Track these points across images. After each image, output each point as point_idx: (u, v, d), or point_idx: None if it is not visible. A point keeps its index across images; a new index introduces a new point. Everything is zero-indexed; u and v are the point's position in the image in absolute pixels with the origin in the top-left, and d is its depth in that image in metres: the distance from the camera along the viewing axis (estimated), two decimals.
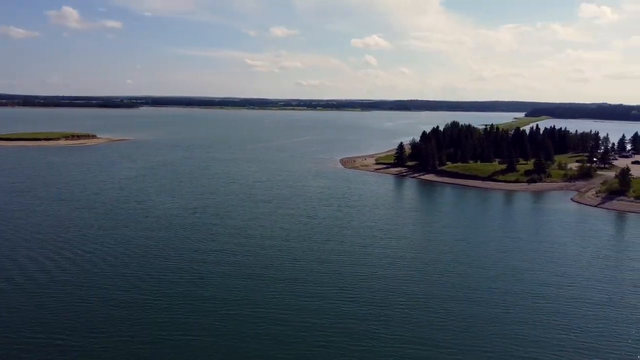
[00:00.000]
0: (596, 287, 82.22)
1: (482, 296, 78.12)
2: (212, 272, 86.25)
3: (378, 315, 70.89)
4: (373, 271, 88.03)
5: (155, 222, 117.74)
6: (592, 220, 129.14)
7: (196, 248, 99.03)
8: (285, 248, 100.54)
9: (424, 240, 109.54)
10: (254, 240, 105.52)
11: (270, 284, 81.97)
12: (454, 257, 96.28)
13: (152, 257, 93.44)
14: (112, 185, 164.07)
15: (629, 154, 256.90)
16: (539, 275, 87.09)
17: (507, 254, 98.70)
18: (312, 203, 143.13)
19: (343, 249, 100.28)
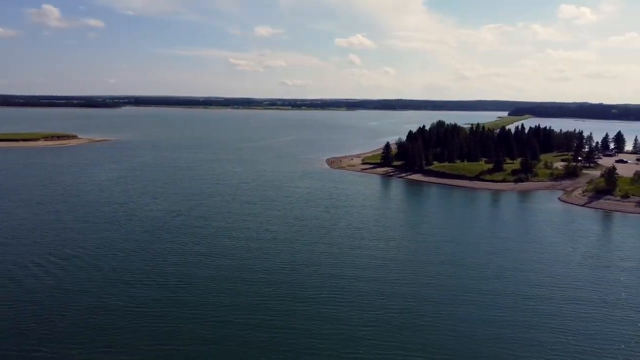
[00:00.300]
0: (588, 288, 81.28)
1: (473, 298, 76.61)
2: (197, 276, 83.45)
3: (368, 319, 68.99)
4: (362, 274, 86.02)
5: (138, 225, 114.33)
6: (580, 219, 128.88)
7: (180, 251, 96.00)
8: (272, 251, 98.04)
9: (413, 241, 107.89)
10: (240, 242, 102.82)
11: (257, 287, 79.52)
12: (444, 259, 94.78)
13: (134, 261, 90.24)
14: (93, 187, 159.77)
15: (612, 152, 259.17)
16: (531, 277, 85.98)
17: (497, 255, 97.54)
18: (299, 204, 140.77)
19: (331, 251, 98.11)
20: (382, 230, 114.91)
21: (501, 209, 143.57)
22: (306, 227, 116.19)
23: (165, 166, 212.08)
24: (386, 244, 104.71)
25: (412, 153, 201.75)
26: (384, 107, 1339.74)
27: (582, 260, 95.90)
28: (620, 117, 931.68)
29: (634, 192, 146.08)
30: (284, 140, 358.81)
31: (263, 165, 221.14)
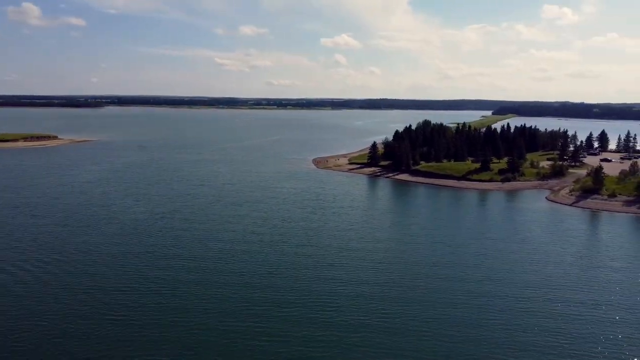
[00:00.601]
0: (581, 289, 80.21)
1: (465, 301, 75.01)
2: (179, 281, 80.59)
3: (358, 323, 67.15)
4: (351, 277, 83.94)
5: (119, 229, 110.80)
6: (569, 219, 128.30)
7: (163, 256, 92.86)
8: (258, 254, 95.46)
9: (402, 243, 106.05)
10: (225, 246, 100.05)
11: (243, 292, 77.08)
12: (434, 261, 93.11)
13: (115, 267, 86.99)
14: (73, 190, 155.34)
15: (597, 151, 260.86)
16: (522, 278, 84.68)
17: (487, 257, 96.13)
18: (285, 205, 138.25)
19: (319, 254, 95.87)
20: (370, 232, 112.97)
21: (489, 209, 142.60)
22: (293, 229, 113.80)
23: (149, 167, 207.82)
24: (375, 246, 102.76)
25: (399, 153, 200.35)
26: (369, 106, 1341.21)
27: (573, 261, 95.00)
28: (602, 116, 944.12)
29: (620, 191, 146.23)
30: (269, 140, 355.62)
31: (249, 166, 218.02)
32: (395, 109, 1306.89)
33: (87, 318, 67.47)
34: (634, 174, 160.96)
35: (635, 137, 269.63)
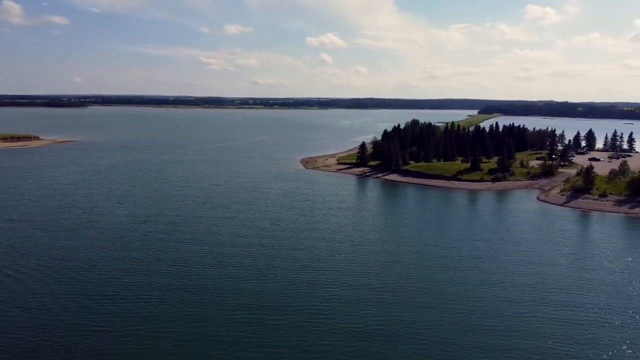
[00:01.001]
0: (578, 291, 78.50)
1: (461, 304, 72.69)
2: (164, 287, 77.00)
3: (349, 329, 64.67)
4: (342, 281, 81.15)
5: (101, 234, 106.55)
6: (561, 220, 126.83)
7: (147, 261, 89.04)
8: (246, 258, 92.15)
9: (394, 245, 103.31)
10: (211, 250, 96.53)
11: (231, 298, 74.08)
12: (427, 264, 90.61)
13: (96, 273, 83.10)
14: (54, 192, 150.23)
15: (585, 150, 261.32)
16: (517, 280, 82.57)
17: (480, 259, 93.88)
18: (274, 207, 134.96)
19: (309, 258, 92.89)
20: (361, 235, 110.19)
21: (481, 210, 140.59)
22: (282, 232, 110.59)
23: (133, 168, 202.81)
24: (367, 249, 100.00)
25: (388, 153, 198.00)
26: (355, 105, 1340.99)
27: (568, 262, 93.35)
28: (586, 115, 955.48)
29: (611, 191, 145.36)
30: (256, 140, 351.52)
31: (235, 167, 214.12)
32: (381, 108, 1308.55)
33: (66, 329, 63.77)
34: (624, 173, 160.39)
35: (622, 136, 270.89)
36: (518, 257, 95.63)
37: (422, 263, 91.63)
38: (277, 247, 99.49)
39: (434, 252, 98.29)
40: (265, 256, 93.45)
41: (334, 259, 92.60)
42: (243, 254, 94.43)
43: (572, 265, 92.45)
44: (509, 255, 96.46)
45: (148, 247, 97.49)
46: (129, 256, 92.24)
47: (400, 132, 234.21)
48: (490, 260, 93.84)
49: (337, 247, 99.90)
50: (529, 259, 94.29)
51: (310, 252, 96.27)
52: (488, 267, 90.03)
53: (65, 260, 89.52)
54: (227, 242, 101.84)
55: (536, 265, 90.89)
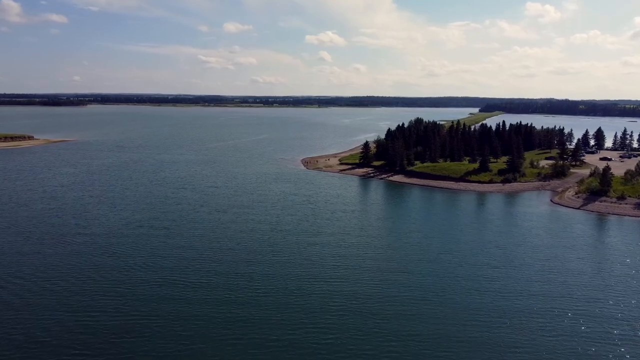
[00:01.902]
0: (607, 303, 71.64)
1: (480, 318, 65.82)
2: (157, 299, 70.11)
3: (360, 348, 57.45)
4: (349, 292, 74.09)
5: (89, 240, 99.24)
6: (579, 224, 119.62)
7: (137, 271, 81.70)
8: (244, 266, 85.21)
9: (404, 253, 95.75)
10: (207, 258, 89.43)
11: (228, 310, 67.90)
12: (441, 274, 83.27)
13: (84, 284, 76.29)
14: (43, 195, 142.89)
15: (594, 150, 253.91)
16: (541, 290, 75.50)
17: (499, 268, 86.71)
18: (274, 211, 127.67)
19: (312, 267, 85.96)
20: (368, 241, 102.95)
21: (493, 214, 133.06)
22: (283, 239, 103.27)
23: (128, 169, 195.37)
24: (374, 257, 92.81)
25: (392, 153, 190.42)
26: (355, 104, 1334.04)
27: (593, 271, 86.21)
28: (588, 113, 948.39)
29: (629, 193, 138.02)
30: (255, 139, 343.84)
31: (234, 167, 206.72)
32: (381, 106, 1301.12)
33: (50, 344, 56.97)
34: None
35: (632, 134, 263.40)
36: (538, 265, 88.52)
37: (436, 273, 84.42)
38: (277, 255, 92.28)
39: (447, 260, 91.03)
40: (263, 264, 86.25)
41: (339, 270, 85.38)
42: (240, 264, 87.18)
43: (597, 274, 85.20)
44: (528, 264, 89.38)
45: (138, 256, 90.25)
46: (117, 266, 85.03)
47: (404, 131, 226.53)
48: (509, 269, 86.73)
49: (343, 254, 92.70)
50: (551, 268, 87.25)
51: (314, 262, 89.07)
52: (507, 276, 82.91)
53: (47, 271, 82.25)
54: (224, 251, 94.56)
55: (559, 275, 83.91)
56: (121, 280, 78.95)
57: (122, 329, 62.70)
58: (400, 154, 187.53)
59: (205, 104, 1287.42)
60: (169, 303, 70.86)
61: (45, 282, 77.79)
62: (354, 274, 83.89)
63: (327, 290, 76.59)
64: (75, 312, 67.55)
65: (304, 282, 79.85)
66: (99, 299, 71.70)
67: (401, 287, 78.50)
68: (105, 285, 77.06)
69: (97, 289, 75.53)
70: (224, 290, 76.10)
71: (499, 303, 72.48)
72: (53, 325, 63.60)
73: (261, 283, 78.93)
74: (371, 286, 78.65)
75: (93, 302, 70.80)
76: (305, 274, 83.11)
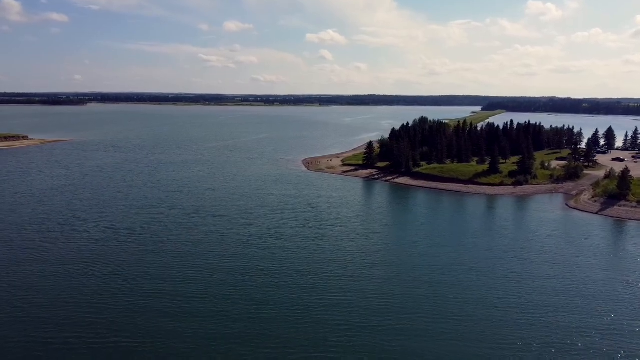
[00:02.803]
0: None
1: (503, 338, 57.87)
2: (143, 317, 62.49)
3: None
4: (354, 306, 66.71)
5: (73, 252, 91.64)
6: (599, 231, 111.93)
7: (125, 285, 74.21)
8: (240, 277, 78.50)
9: (413, 265, 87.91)
10: (200, 266, 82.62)
11: (221, 325, 61.27)
12: (457, 289, 75.68)
13: (66, 297, 69.07)
14: (31, 199, 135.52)
15: (604, 149, 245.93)
16: (569, 307, 67.87)
17: (520, 282, 79.13)
18: (274, 217, 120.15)
19: (313, 278, 78.98)
20: (374, 250, 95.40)
21: (507, 219, 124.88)
22: (282, 248, 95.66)
23: (122, 170, 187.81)
24: (381, 268, 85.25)
25: (398, 153, 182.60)
26: (356, 102, 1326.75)
27: (622, 287, 78.35)
28: (591, 111, 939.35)
29: None
30: (256, 139, 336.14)
31: (233, 168, 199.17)
32: (382, 105, 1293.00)
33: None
34: None
35: None
36: (561, 277, 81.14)
37: (450, 285, 76.84)
38: (276, 264, 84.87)
39: (462, 272, 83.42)
40: (262, 275, 78.78)
41: (344, 280, 77.95)
42: (236, 274, 79.82)
43: (626, 288, 77.51)
44: (549, 275, 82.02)
45: (126, 268, 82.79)
46: (100, 278, 77.56)
47: (409, 131, 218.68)
48: (530, 281, 79.31)
49: (347, 269, 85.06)
50: (575, 279, 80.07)
51: (316, 272, 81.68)
52: (530, 289, 75.49)
53: (25, 283, 74.86)
54: (218, 260, 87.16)
55: (584, 287, 76.60)
56: (103, 298, 71.48)
57: (103, 346, 55.36)
58: (406, 155, 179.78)
59: (205, 102, 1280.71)
60: (157, 317, 63.80)
61: (28, 295, 70.65)
62: (359, 285, 76.87)
63: (330, 303, 70.02)
64: (49, 326, 60.25)
65: (305, 293, 72.68)
66: (77, 314, 64.31)
67: (411, 300, 71.18)
68: (85, 299, 69.61)
69: (77, 304, 68.21)
70: (217, 302, 69.62)
71: (523, 318, 65.02)
72: (20, 342, 56.23)
73: (258, 295, 71.90)
74: (378, 300, 71.24)
75: (71, 319, 63.44)
76: (307, 285, 76.02)
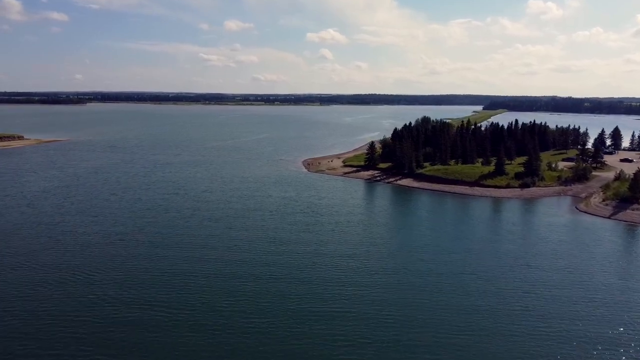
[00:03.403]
0: None
1: None
2: (134, 331, 57.55)
3: None
4: (358, 316, 61.92)
5: (60, 258, 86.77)
6: (613, 238, 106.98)
7: (110, 296, 69.29)
8: (237, 290, 73.53)
9: (420, 272, 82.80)
10: (195, 277, 77.55)
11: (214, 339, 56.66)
12: (464, 301, 70.70)
13: (50, 308, 63.88)
14: (20, 202, 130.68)
15: (610, 150, 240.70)
16: (592, 325, 62.64)
17: (538, 294, 74.05)
18: (272, 221, 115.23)
19: (313, 286, 74.42)
20: (378, 260, 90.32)
21: (515, 224, 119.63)
22: (282, 255, 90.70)
23: (117, 172, 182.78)
24: (385, 275, 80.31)
25: (401, 154, 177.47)
26: (356, 101, 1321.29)
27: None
28: (593, 111, 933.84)
29: None
30: (255, 139, 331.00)
31: (231, 169, 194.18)
32: (383, 104, 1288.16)
33: None
34: None
35: None
36: (578, 287, 76.04)
37: (460, 295, 71.91)
38: (275, 271, 79.80)
39: (471, 281, 78.48)
40: (259, 283, 73.77)
41: (347, 288, 72.90)
42: (231, 282, 75.03)
43: None
44: (565, 285, 77.26)
45: (115, 274, 77.94)
46: (90, 288, 72.67)
47: (412, 131, 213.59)
48: (545, 291, 74.48)
49: (349, 273, 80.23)
50: (591, 289, 75.23)
51: (316, 280, 76.75)
52: (546, 301, 70.67)
53: (4, 292, 69.93)
54: (213, 266, 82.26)
55: (603, 297, 71.85)
56: (91, 305, 66.56)
57: None
58: (409, 156, 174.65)
59: (206, 102, 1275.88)
60: (148, 328, 59.21)
61: (9, 307, 65.70)
62: (360, 294, 72.38)
63: (332, 313, 65.62)
64: (33, 336, 55.32)
65: (304, 302, 68.04)
66: (59, 326, 59.43)
67: (418, 310, 66.37)
68: (69, 309, 64.69)
69: (59, 314, 63.28)
70: (212, 313, 64.77)
71: (541, 330, 60.00)
72: None
73: (256, 304, 67.19)
74: (381, 310, 66.33)
75: (50, 332, 58.48)
76: (306, 293, 71.52)
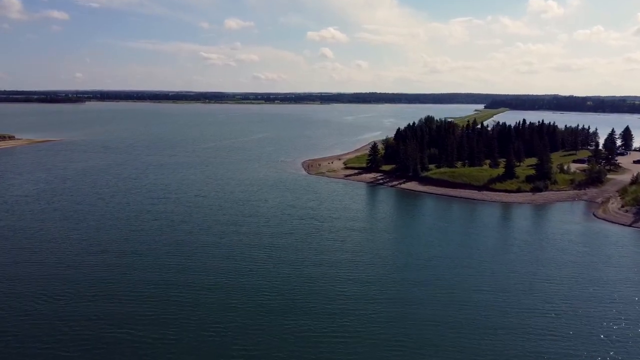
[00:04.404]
0: None
1: None
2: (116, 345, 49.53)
3: None
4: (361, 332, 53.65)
5: (38, 270, 78.61)
6: (638, 248, 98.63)
7: (90, 311, 61.12)
8: (230, 306, 65.36)
9: (427, 287, 74.71)
10: (183, 289, 69.23)
11: None
12: (478, 323, 62.48)
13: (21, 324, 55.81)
14: (0, 207, 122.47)
15: (622, 151, 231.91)
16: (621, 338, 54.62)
17: (562, 318, 65.86)
18: (269, 228, 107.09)
19: (313, 299, 66.43)
20: (382, 272, 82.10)
21: (530, 232, 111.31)
22: (278, 266, 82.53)
23: (108, 174, 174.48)
24: (389, 291, 71.93)
25: (405, 156, 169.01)
26: (357, 100, 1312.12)
27: None
28: (596, 109, 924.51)
29: None
30: (254, 139, 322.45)
31: (228, 171, 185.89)
32: (383, 102, 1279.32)
33: None
34: None
35: None
36: (606, 306, 67.78)
37: (473, 321, 63.61)
38: (270, 291, 71.51)
39: (486, 300, 70.15)
40: (254, 303, 65.54)
41: (349, 302, 64.57)
42: (225, 299, 66.64)
43: None
44: (591, 305, 68.90)
45: (96, 288, 69.69)
46: (67, 302, 64.44)
47: (415, 131, 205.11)
48: (572, 315, 66.04)
49: (351, 290, 71.94)
50: (622, 311, 66.58)
51: (316, 293, 68.48)
52: (575, 327, 62.20)
53: None
54: (203, 279, 73.98)
55: None
56: (68, 322, 58.31)
57: None
58: (414, 158, 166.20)
59: (206, 100, 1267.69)
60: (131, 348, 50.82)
61: None
62: (366, 308, 63.98)
63: (334, 329, 58.14)
64: None
65: (302, 318, 59.54)
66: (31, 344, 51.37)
67: (427, 329, 57.78)
68: (43, 325, 56.45)
69: (31, 332, 55.03)
70: (203, 329, 56.08)
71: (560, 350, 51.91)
72: None
73: (251, 319, 58.61)
74: (385, 327, 57.98)
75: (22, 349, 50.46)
76: (304, 308, 63.08)
